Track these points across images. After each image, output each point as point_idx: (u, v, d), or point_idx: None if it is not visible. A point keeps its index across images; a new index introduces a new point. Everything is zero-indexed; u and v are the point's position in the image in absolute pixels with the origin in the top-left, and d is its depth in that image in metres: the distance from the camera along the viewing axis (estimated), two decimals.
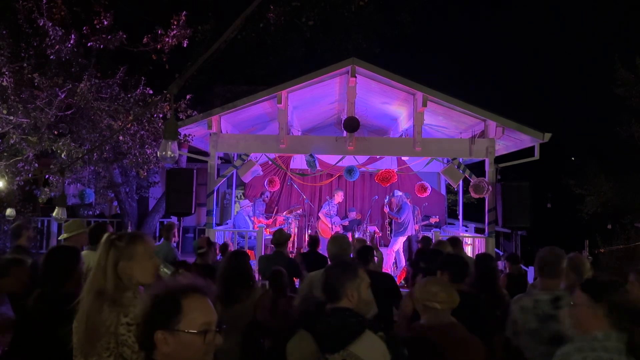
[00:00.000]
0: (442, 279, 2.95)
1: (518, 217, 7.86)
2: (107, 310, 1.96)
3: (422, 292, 2.64)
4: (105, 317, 1.95)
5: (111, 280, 2.02)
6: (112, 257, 2.05)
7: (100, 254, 2.07)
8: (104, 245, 2.08)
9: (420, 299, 2.64)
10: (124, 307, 1.97)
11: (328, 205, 10.20)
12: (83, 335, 1.96)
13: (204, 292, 1.46)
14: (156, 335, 1.38)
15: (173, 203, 7.94)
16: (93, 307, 1.97)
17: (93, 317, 1.95)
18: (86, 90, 5.90)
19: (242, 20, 2.73)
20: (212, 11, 9.56)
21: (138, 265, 2.08)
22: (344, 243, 3.62)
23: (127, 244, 2.09)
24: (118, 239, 2.09)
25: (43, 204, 7.45)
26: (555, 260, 2.99)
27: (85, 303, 2.01)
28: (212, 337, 1.40)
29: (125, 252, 2.07)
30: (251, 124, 9.84)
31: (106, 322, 1.94)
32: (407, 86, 7.88)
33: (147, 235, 2.24)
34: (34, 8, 5.94)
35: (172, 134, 2.79)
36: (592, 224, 16.48)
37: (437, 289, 2.61)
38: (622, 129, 14.93)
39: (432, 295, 2.59)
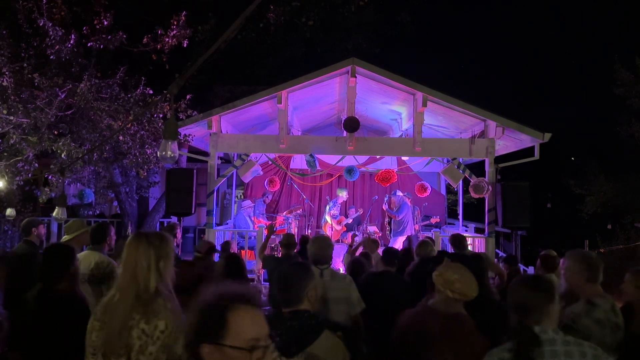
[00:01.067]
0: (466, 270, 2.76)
1: (518, 217, 7.86)
2: (138, 314, 1.90)
3: (439, 277, 2.57)
4: (135, 321, 1.89)
5: (153, 282, 1.94)
6: (154, 257, 1.97)
7: (140, 254, 1.97)
8: (143, 244, 1.98)
9: (435, 282, 2.58)
10: (157, 314, 1.90)
11: (335, 206, 10.21)
12: (111, 336, 1.90)
13: (254, 304, 1.35)
14: (202, 349, 1.29)
15: (173, 203, 7.95)
16: (126, 309, 1.91)
17: (124, 319, 1.90)
18: (86, 90, 5.90)
19: (242, 20, 2.73)
20: (212, 11, 9.55)
21: (171, 264, 2.04)
22: (324, 243, 3.62)
23: (162, 243, 2.02)
24: (152, 237, 2.02)
25: (43, 204, 7.44)
26: (600, 264, 2.88)
27: (119, 303, 1.94)
28: (260, 354, 1.28)
29: (164, 251, 2.01)
30: (251, 124, 9.84)
31: (130, 325, 1.89)
32: (407, 86, 7.88)
33: (167, 235, 2.19)
34: (34, 8, 5.94)
35: (172, 134, 2.79)
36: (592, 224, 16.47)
37: (454, 277, 2.53)
38: (622, 129, 14.92)
39: (448, 283, 2.53)
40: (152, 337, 1.88)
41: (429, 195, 10.43)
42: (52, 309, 2.62)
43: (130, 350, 1.87)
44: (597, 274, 2.84)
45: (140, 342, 1.87)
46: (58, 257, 2.84)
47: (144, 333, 1.87)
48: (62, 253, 2.88)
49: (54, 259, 2.83)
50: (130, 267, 1.97)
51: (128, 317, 1.90)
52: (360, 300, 3.51)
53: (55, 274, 2.77)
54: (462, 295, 2.51)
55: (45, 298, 2.69)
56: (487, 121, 8.17)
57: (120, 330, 1.89)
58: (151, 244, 2.00)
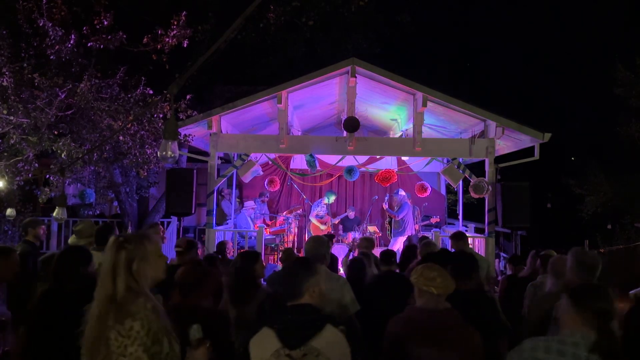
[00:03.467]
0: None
1: (518, 217, 7.86)
2: (112, 317, 1.93)
3: (419, 277, 2.70)
4: (110, 324, 1.92)
5: (122, 284, 1.98)
6: (123, 259, 2.01)
7: (109, 257, 2.03)
8: (112, 248, 2.04)
9: (416, 284, 2.71)
10: (131, 315, 1.93)
11: (317, 207, 10.21)
12: (88, 342, 1.95)
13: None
14: None
15: (173, 203, 7.94)
16: (101, 313, 1.95)
17: (99, 323, 1.93)
18: (86, 90, 5.90)
19: (242, 20, 2.73)
20: (212, 11, 9.55)
21: (151, 264, 2.08)
22: (320, 243, 3.63)
23: (136, 245, 2.06)
24: (126, 241, 2.06)
25: (43, 204, 7.44)
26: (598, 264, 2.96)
27: (95, 308, 1.98)
28: None
29: (138, 252, 2.05)
30: (251, 124, 9.84)
31: (105, 330, 1.92)
32: (407, 86, 7.88)
33: (152, 234, 2.24)
34: (34, 8, 5.94)
35: (172, 134, 2.79)
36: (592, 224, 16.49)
37: (434, 274, 2.66)
38: (622, 129, 14.93)
39: (429, 280, 2.65)
40: (128, 338, 1.90)
41: (429, 195, 10.43)
42: (61, 309, 2.62)
43: (111, 356, 1.90)
44: (590, 272, 2.88)
45: (118, 344, 1.89)
46: (75, 259, 2.86)
47: (120, 334, 1.90)
48: (80, 255, 2.92)
49: (71, 261, 2.84)
50: (102, 271, 2.03)
51: (102, 321, 1.93)
52: (354, 301, 3.52)
53: (69, 275, 2.78)
54: (445, 289, 2.64)
55: (55, 298, 2.69)
56: (487, 121, 8.18)
57: (96, 336, 1.92)
58: (122, 246, 2.03)
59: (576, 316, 2.06)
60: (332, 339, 2.05)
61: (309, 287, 2.21)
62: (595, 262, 3.01)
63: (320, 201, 10.35)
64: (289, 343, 2.02)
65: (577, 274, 3.01)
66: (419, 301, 2.71)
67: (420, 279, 2.69)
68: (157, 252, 2.13)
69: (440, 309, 2.63)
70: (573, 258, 3.06)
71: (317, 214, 10.14)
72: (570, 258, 3.09)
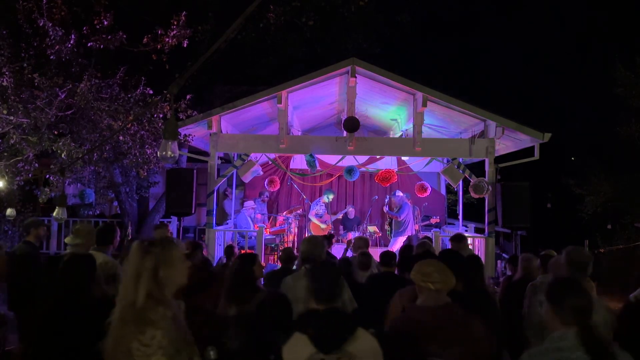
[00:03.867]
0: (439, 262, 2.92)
1: (518, 217, 7.86)
2: (133, 325, 1.87)
3: (417, 274, 2.68)
4: (131, 333, 1.87)
5: (144, 290, 1.91)
6: (149, 265, 1.94)
7: (134, 262, 1.95)
8: (138, 253, 1.97)
9: (415, 280, 2.69)
10: (153, 323, 1.88)
11: (317, 205, 10.21)
12: (110, 352, 1.90)
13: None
14: None
15: (173, 203, 7.94)
16: (123, 321, 1.90)
17: (120, 332, 1.89)
18: (86, 90, 5.90)
19: (242, 20, 2.73)
20: (212, 11, 9.55)
21: (177, 270, 2.02)
22: (316, 243, 3.63)
23: (162, 249, 1.99)
24: (152, 245, 1.99)
25: (43, 204, 7.45)
26: (589, 261, 2.98)
27: (116, 316, 1.93)
28: None
29: (165, 258, 1.98)
30: (251, 124, 9.84)
31: (126, 339, 1.87)
32: (407, 86, 7.88)
33: (176, 239, 2.22)
34: (34, 8, 5.94)
35: (172, 134, 2.79)
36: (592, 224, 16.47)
37: (430, 269, 2.64)
38: (622, 129, 14.92)
39: (426, 275, 2.63)
40: (150, 347, 1.86)
41: (429, 195, 10.43)
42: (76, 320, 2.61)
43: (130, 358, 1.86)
44: (580, 269, 2.90)
45: (140, 354, 1.85)
46: (82, 269, 2.83)
47: (142, 344, 1.86)
48: (86, 264, 2.88)
49: (79, 271, 2.81)
50: (125, 277, 1.97)
51: (124, 330, 1.88)
52: (352, 299, 3.53)
53: (81, 285, 2.76)
54: (443, 284, 2.61)
55: (68, 309, 2.68)
56: (487, 121, 8.18)
57: (118, 345, 1.88)
58: (148, 251, 1.97)
59: (555, 316, 2.02)
60: (365, 342, 2.06)
61: (342, 291, 2.25)
62: (584, 259, 3.03)
63: (319, 200, 10.35)
64: (323, 348, 2.00)
65: (568, 271, 3.03)
66: (420, 298, 2.70)
67: (417, 275, 2.68)
68: (181, 257, 2.08)
69: (441, 305, 2.60)
70: (565, 256, 3.10)
71: (316, 212, 10.14)
72: (563, 257, 3.13)
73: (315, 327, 2.07)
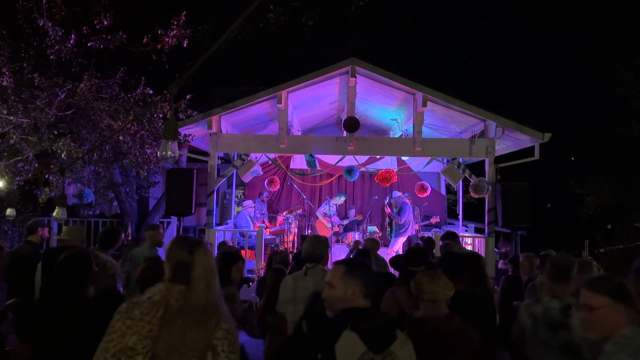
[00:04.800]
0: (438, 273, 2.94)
1: (518, 217, 7.86)
2: (215, 319, 2.00)
3: (416, 285, 2.69)
4: (213, 326, 1.99)
5: (219, 288, 2.11)
6: (215, 266, 2.15)
7: (205, 262, 2.08)
8: (206, 254, 2.12)
9: (414, 291, 2.70)
10: (227, 316, 2.05)
11: (326, 205, 10.20)
12: (179, 341, 1.93)
13: None
14: None
15: (173, 203, 7.94)
16: (201, 318, 1.99)
17: (200, 329, 1.96)
18: (86, 90, 5.91)
19: (242, 20, 2.73)
20: (212, 11, 9.56)
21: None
22: (318, 243, 3.62)
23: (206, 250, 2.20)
24: (205, 244, 2.20)
25: (43, 204, 7.45)
26: (569, 265, 2.97)
27: (187, 315, 1.98)
28: None
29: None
30: (251, 124, 9.84)
31: (208, 331, 1.97)
32: (407, 86, 7.88)
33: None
34: (34, 8, 5.95)
35: (172, 134, 2.79)
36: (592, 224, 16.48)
37: (424, 280, 2.66)
38: (622, 129, 14.92)
39: (419, 286, 2.65)
40: (233, 334, 2.02)
41: (429, 195, 10.43)
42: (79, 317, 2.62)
43: (213, 350, 1.96)
44: (561, 274, 2.90)
45: (229, 342, 1.99)
46: (81, 266, 2.83)
47: (228, 332, 2.00)
48: (84, 262, 2.88)
49: (78, 268, 2.82)
50: (205, 273, 2.07)
51: (203, 326, 1.98)
52: None
53: (81, 283, 2.78)
54: (443, 295, 2.63)
55: (71, 307, 2.68)
56: (487, 121, 8.18)
57: (196, 336, 1.95)
58: (211, 253, 2.20)
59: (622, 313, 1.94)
60: (405, 344, 2.06)
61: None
62: (567, 262, 3.03)
63: (329, 201, 10.33)
64: (374, 347, 1.99)
65: (547, 272, 3.05)
66: (421, 310, 2.70)
67: (413, 285, 2.70)
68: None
69: (441, 315, 2.61)
70: (550, 260, 3.10)
71: (324, 212, 10.12)
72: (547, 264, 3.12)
73: (367, 326, 2.04)
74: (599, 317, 1.98)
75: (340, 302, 2.12)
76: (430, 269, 2.96)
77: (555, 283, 2.92)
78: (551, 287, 2.95)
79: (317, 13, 11.33)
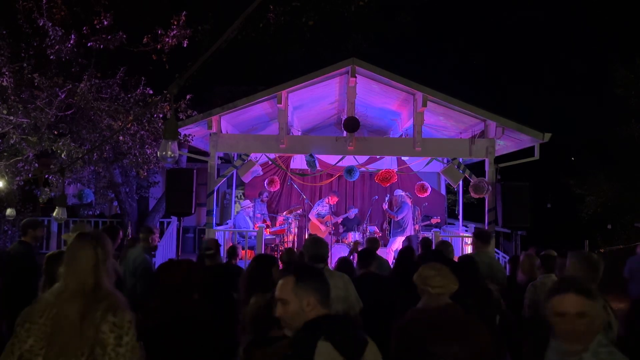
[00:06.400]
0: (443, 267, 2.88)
1: (518, 217, 7.85)
2: (101, 310, 1.99)
3: (418, 277, 2.70)
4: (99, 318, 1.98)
5: (108, 278, 2.10)
6: (102, 256, 2.12)
7: (89, 253, 2.10)
8: (90, 244, 2.12)
9: (416, 283, 2.71)
10: (121, 307, 2.03)
11: (319, 206, 10.19)
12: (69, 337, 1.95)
13: None
14: None
15: (173, 203, 7.93)
16: (85, 309, 2.00)
17: (84, 320, 1.98)
18: (86, 90, 5.91)
19: (242, 20, 2.73)
20: (212, 11, 9.55)
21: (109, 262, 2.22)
22: (319, 243, 3.61)
23: (104, 242, 2.19)
24: (94, 237, 2.18)
25: (43, 204, 7.45)
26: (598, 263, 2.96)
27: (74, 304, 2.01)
28: None
29: (107, 250, 2.18)
30: (251, 124, 9.84)
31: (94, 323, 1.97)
32: (407, 86, 7.88)
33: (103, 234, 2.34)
34: (34, 8, 5.94)
35: (172, 134, 2.79)
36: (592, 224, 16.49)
37: (432, 273, 2.65)
38: (622, 129, 14.92)
39: (426, 279, 2.64)
40: (123, 328, 1.97)
41: (429, 195, 10.42)
42: None
43: (102, 346, 1.94)
44: (597, 274, 2.87)
45: (115, 335, 1.95)
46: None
47: (115, 325, 1.96)
48: None
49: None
50: (80, 266, 2.07)
51: (88, 315, 1.97)
52: (358, 299, 3.52)
53: None
54: (444, 288, 2.62)
55: None
56: (487, 121, 8.17)
57: (82, 330, 1.95)
58: (98, 244, 2.13)
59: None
60: (374, 348, 2.03)
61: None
62: (599, 262, 3.00)
63: (322, 200, 10.32)
64: (349, 355, 1.94)
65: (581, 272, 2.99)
66: (421, 300, 2.71)
67: (418, 279, 2.70)
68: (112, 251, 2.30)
69: (441, 305, 2.60)
70: (578, 259, 3.04)
71: (317, 212, 10.11)
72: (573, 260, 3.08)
73: (339, 335, 1.97)
74: (587, 323, 1.83)
75: (298, 317, 1.95)
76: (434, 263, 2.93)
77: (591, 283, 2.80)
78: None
79: (317, 13, 11.32)
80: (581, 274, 2.91)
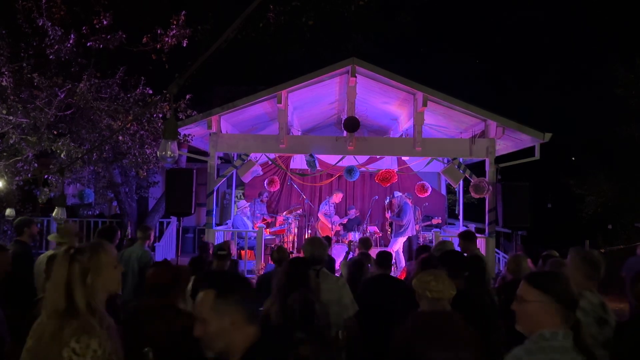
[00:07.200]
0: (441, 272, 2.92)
1: (518, 217, 7.84)
2: (68, 333, 1.81)
3: (417, 281, 2.73)
4: (65, 341, 1.80)
5: (82, 298, 1.87)
6: (77, 272, 1.90)
7: (62, 269, 1.90)
8: (64, 260, 1.91)
9: (415, 288, 2.74)
10: (88, 332, 1.83)
11: (326, 205, 10.19)
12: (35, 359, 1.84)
13: None
14: None
15: (173, 203, 7.92)
16: (55, 329, 1.84)
17: (53, 340, 1.82)
18: (86, 90, 5.90)
19: (242, 20, 2.72)
20: (212, 11, 9.54)
21: (105, 277, 1.98)
22: (317, 244, 3.60)
23: (91, 256, 1.95)
24: (79, 252, 1.95)
25: (43, 204, 7.42)
26: (600, 262, 2.93)
27: (45, 324, 1.87)
28: None
29: (92, 265, 1.94)
30: (251, 124, 9.83)
31: (57, 347, 1.80)
32: (407, 86, 7.87)
33: (107, 244, 2.11)
34: (34, 8, 5.93)
35: (172, 134, 2.78)
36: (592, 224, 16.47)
37: (429, 278, 2.68)
38: (622, 129, 14.91)
39: (424, 284, 2.67)
40: (84, 356, 1.78)
41: (429, 195, 10.42)
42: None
43: None
44: (597, 272, 2.87)
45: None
46: None
47: (75, 353, 1.78)
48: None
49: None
50: (53, 284, 1.91)
51: (56, 338, 1.81)
52: (353, 302, 3.50)
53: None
54: (441, 293, 2.64)
55: None
56: (488, 121, 8.17)
57: (48, 354, 1.81)
58: (74, 259, 1.92)
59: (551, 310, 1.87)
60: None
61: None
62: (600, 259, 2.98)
63: (328, 200, 10.32)
64: None
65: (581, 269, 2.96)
66: (421, 305, 2.73)
67: (417, 283, 2.72)
68: (112, 263, 2.03)
69: (439, 311, 2.63)
70: (578, 256, 3.03)
71: (325, 212, 10.11)
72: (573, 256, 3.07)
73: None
74: (528, 310, 1.92)
75: (220, 338, 1.66)
76: (433, 269, 2.97)
77: (591, 281, 2.84)
78: (586, 284, 2.83)
79: (317, 13, 11.32)
80: (580, 270, 2.89)
